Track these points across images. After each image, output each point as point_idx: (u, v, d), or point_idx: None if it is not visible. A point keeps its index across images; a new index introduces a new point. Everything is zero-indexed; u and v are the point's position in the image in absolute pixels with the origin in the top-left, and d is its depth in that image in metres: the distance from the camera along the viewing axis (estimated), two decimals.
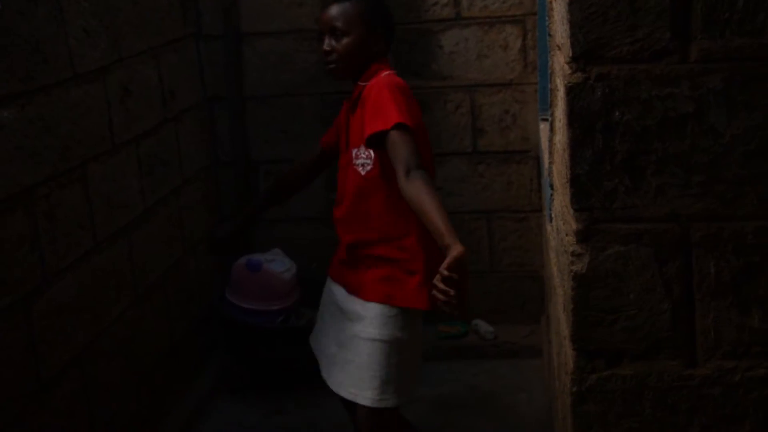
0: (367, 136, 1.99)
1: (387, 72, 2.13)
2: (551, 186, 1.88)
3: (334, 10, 2.17)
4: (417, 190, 1.87)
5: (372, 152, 2.08)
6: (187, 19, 3.09)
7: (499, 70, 3.13)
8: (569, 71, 1.29)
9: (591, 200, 1.31)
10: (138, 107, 2.64)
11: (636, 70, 1.26)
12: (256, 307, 2.96)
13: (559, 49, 1.52)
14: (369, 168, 2.09)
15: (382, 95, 2.00)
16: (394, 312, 2.07)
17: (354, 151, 2.13)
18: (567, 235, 1.41)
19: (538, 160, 3.14)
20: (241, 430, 2.86)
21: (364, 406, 2.09)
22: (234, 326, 3.01)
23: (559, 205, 1.63)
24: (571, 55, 1.28)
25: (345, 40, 2.13)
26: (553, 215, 1.84)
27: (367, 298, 2.09)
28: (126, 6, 2.59)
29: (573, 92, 1.28)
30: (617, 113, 1.28)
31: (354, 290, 2.14)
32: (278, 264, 2.96)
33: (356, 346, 2.10)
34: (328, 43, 2.14)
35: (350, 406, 2.23)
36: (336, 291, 2.22)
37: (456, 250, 1.73)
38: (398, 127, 1.93)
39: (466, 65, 3.15)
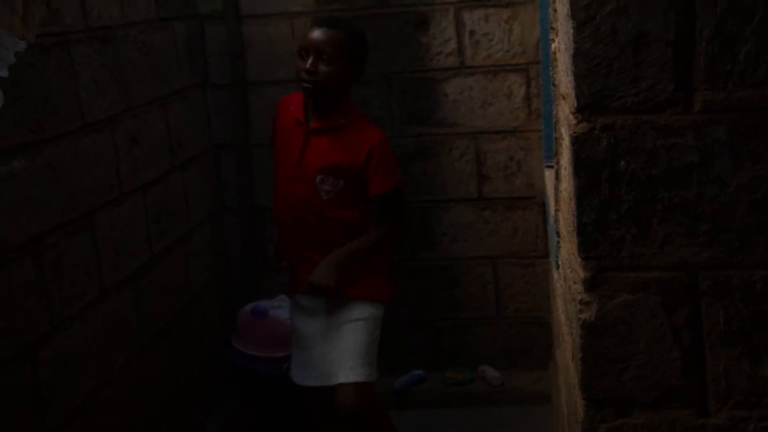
0: (379, 194, 2.38)
1: (361, 115, 2.44)
2: (557, 233, 1.88)
3: (326, 34, 2.28)
4: (377, 236, 2.43)
5: (341, 183, 2.35)
6: (194, 69, 3.14)
7: (503, 117, 3.16)
8: (574, 121, 1.31)
9: (598, 249, 1.31)
10: (145, 156, 2.67)
11: (640, 120, 1.27)
12: (261, 354, 2.95)
13: (564, 98, 1.54)
14: (332, 195, 2.36)
15: (388, 157, 2.38)
16: (366, 303, 2.42)
17: (319, 177, 2.35)
18: (575, 283, 1.41)
19: (543, 206, 3.15)
20: None
21: (351, 386, 2.32)
22: (240, 373, 2.99)
23: (566, 252, 1.63)
24: (576, 105, 1.29)
25: (329, 68, 2.26)
26: (560, 263, 1.83)
27: (361, 297, 2.41)
28: (135, 56, 2.63)
29: (578, 142, 1.29)
30: (623, 162, 1.28)
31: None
32: (284, 311, 2.96)
33: (340, 333, 2.38)
34: (312, 63, 2.26)
35: (324, 404, 2.46)
36: (310, 303, 2.46)
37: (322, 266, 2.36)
38: (398, 185, 2.43)
39: (470, 113, 3.18)
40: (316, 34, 2.29)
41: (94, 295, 2.31)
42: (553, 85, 1.97)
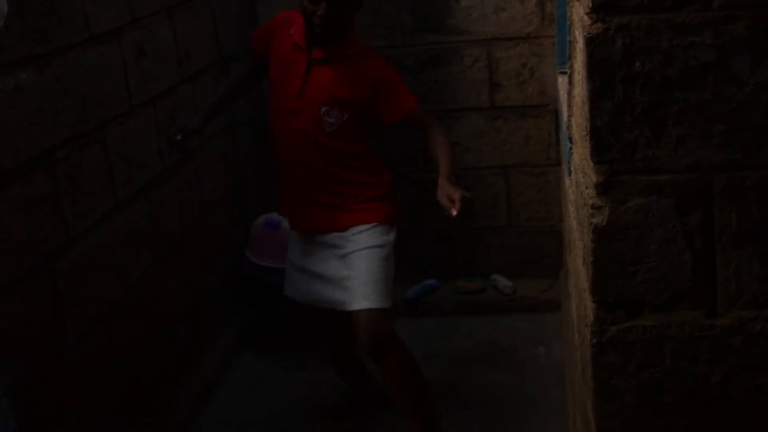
0: (399, 119, 2.33)
1: (362, 45, 2.35)
2: (570, 139, 1.87)
3: None
4: (444, 141, 2.38)
5: (347, 115, 2.27)
6: None
7: (516, 23, 3.10)
8: (589, 22, 1.27)
9: (611, 152, 1.30)
10: (154, 68, 2.64)
11: (657, 20, 1.24)
12: (275, 265, 2.98)
13: (578, 0, 1.50)
14: (335, 127, 2.28)
15: (396, 84, 2.33)
16: (378, 226, 2.36)
17: (324, 109, 2.27)
18: (587, 188, 1.41)
19: (555, 114, 3.11)
20: (264, 385, 2.91)
21: (367, 313, 2.25)
22: (254, 284, 3.04)
23: (578, 158, 1.62)
24: (590, 5, 1.26)
25: (344, 12, 2.21)
26: (572, 169, 1.82)
27: (358, 223, 2.34)
28: None
29: (593, 43, 1.26)
30: (638, 64, 1.26)
31: (341, 227, 2.35)
32: None
33: (352, 261, 2.31)
34: (327, 8, 2.17)
35: (339, 337, 2.49)
36: (315, 239, 2.40)
37: (441, 184, 2.29)
38: (416, 105, 2.37)
39: (482, 19, 3.11)
40: None
41: (108, 207, 2.33)
42: None
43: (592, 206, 1.34)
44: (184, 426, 2.65)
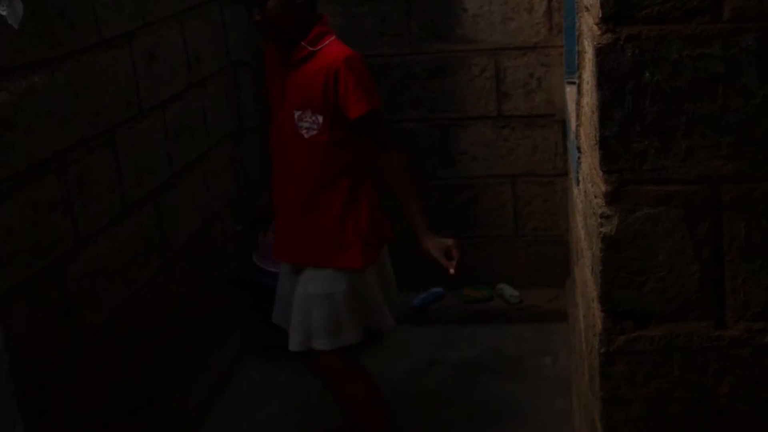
0: (353, 119, 2.15)
1: (333, 38, 2.21)
2: (578, 149, 1.87)
3: None
4: (395, 172, 2.25)
5: (320, 118, 2.18)
6: None
7: (524, 33, 3.11)
8: (599, 32, 1.28)
9: (620, 162, 1.30)
10: (163, 72, 2.65)
11: (667, 30, 1.24)
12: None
13: (588, 10, 1.50)
14: (314, 132, 2.19)
15: (354, 76, 2.13)
16: (336, 272, 2.26)
17: (297, 113, 2.21)
18: (596, 197, 1.41)
19: (563, 123, 3.12)
20: (269, 390, 2.91)
21: (319, 352, 2.29)
22: (260, 290, 3.04)
23: (587, 167, 1.62)
24: (600, 15, 1.27)
25: (269, 5, 2.13)
26: (580, 178, 1.83)
27: (316, 264, 2.27)
28: None
29: (602, 53, 1.27)
30: (647, 74, 1.26)
31: (306, 261, 2.30)
32: None
33: (308, 305, 2.27)
34: (257, 13, 2.15)
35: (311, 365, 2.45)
36: (291, 269, 2.36)
37: (429, 242, 2.30)
38: (374, 109, 2.16)
39: (490, 28, 3.12)
40: None
41: (117, 211, 2.34)
42: None
43: (601, 215, 1.34)
44: (189, 430, 2.65)
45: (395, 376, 2.91)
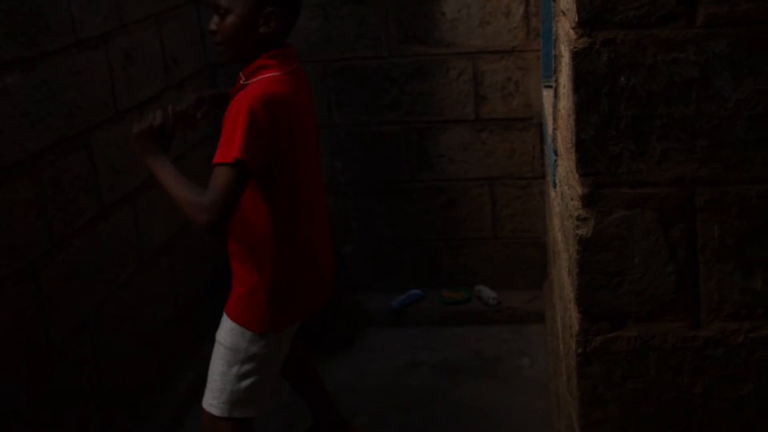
0: (214, 164, 1.81)
1: (270, 75, 1.89)
2: (555, 152, 1.89)
3: None
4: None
5: None
6: None
7: (501, 37, 3.12)
8: (575, 36, 1.29)
9: (596, 165, 1.32)
10: (140, 74, 2.64)
11: (642, 35, 1.26)
12: None
13: (564, 14, 1.52)
14: None
15: (239, 118, 1.78)
16: (243, 331, 1.97)
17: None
18: (572, 199, 1.42)
19: (540, 127, 3.14)
20: None
21: (204, 411, 2.00)
22: None
23: (563, 170, 1.64)
24: (576, 20, 1.28)
25: (228, 19, 1.89)
26: (557, 181, 1.84)
27: (228, 316, 2.01)
28: None
29: (578, 57, 1.28)
30: (623, 78, 1.28)
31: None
32: None
33: (214, 352, 2.02)
34: (213, 22, 1.92)
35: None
36: None
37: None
38: (235, 164, 1.77)
39: (468, 32, 3.14)
40: None
41: (93, 213, 2.32)
42: (553, 1, 1.94)
43: (578, 218, 1.35)
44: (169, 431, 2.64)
45: (374, 377, 2.91)
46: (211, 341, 1.83)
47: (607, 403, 1.39)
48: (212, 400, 1.99)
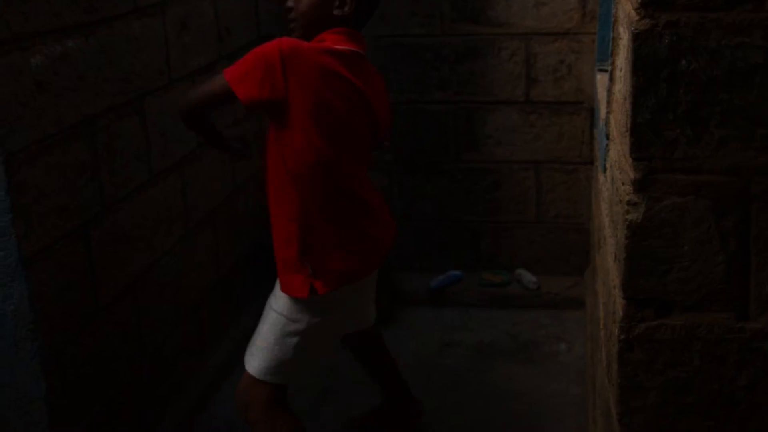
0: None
1: (324, 43, 1.89)
2: (607, 136, 1.86)
3: None
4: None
5: (272, 127, 1.92)
6: None
7: (556, 18, 3.08)
8: (636, 17, 1.27)
9: (651, 150, 1.30)
10: (194, 43, 2.66)
11: (706, 18, 1.23)
12: None
13: None
14: (272, 137, 1.93)
15: (252, 55, 1.81)
16: (289, 298, 1.99)
17: None
18: (623, 184, 1.41)
19: (591, 111, 3.10)
20: None
21: (246, 373, 2.03)
22: None
23: (615, 154, 1.62)
24: (640, 1, 1.26)
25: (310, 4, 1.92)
26: (607, 165, 1.82)
27: (281, 286, 2.03)
28: None
29: (639, 39, 1.26)
30: (684, 62, 1.25)
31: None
32: None
33: (264, 314, 2.07)
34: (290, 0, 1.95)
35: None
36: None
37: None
38: (226, 78, 1.81)
39: (522, 12, 3.10)
40: None
41: (143, 179, 2.36)
42: None
43: (628, 203, 1.34)
44: (204, 397, 2.68)
45: (410, 356, 2.92)
46: (250, 311, 1.85)
47: (646, 391, 1.38)
48: (252, 361, 2.03)
